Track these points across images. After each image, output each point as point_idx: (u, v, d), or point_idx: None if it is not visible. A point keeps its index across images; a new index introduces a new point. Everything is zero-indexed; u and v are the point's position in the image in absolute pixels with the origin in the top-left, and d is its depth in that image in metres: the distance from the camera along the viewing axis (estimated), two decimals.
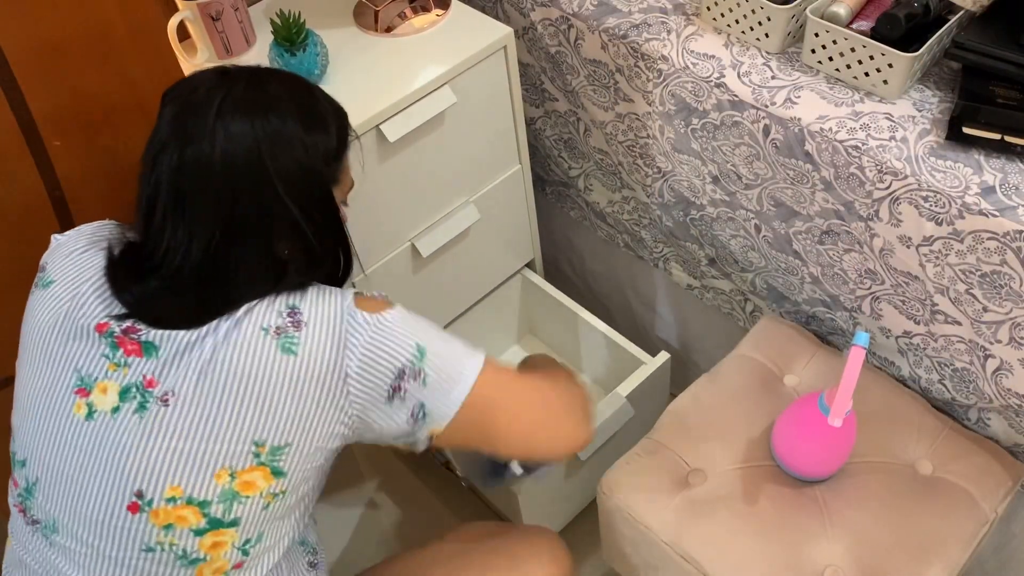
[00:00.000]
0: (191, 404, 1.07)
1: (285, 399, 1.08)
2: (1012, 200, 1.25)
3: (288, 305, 1.10)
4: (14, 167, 1.33)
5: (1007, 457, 1.49)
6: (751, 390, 1.61)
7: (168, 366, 1.08)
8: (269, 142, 1.09)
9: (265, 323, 1.08)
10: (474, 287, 1.99)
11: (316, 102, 1.18)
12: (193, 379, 1.07)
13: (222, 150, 1.07)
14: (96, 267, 1.14)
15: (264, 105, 1.11)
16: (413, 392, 1.13)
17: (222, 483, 1.08)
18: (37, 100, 1.30)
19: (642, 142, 1.72)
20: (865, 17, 1.43)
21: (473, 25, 1.67)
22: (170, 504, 1.07)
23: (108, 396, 1.09)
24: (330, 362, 1.09)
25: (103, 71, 1.34)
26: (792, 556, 1.41)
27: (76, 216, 1.43)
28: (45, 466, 1.12)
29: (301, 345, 1.08)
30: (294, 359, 1.08)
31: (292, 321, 1.09)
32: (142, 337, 1.09)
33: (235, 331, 1.07)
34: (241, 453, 1.08)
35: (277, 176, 1.09)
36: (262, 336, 1.08)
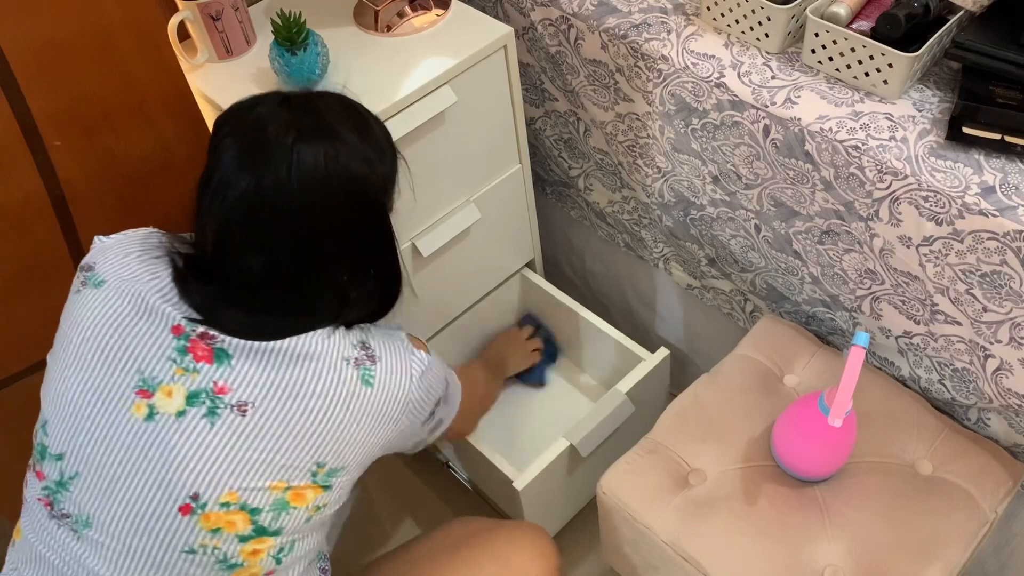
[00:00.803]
0: (266, 416, 1.11)
1: (355, 427, 1.16)
2: (1012, 200, 1.25)
3: (359, 340, 1.18)
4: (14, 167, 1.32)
5: (1007, 457, 1.49)
6: (751, 390, 1.61)
7: (243, 375, 1.11)
8: (340, 170, 1.13)
9: (346, 353, 1.16)
10: (474, 287, 1.99)
11: (369, 129, 1.21)
12: (271, 392, 1.11)
13: (298, 179, 1.11)
14: (154, 273, 1.16)
15: (330, 133, 1.14)
16: (439, 413, 1.32)
17: (276, 493, 1.12)
18: (37, 100, 1.30)
19: (642, 142, 1.72)
20: (865, 17, 1.43)
21: (473, 25, 1.67)
22: (223, 509, 1.10)
23: (173, 399, 1.11)
24: (400, 398, 1.20)
25: (103, 71, 1.34)
26: (792, 556, 1.41)
27: (76, 216, 1.43)
28: (88, 461, 1.13)
29: (377, 378, 1.17)
30: (371, 391, 1.16)
31: (367, 355, 1.17)
32: (216, 344, 1.12)
33: (317, 354, 1.13)
34: (302, 470, 1.13)
35: (348, 203, 1.15)
36: (344, 365, 1.15)
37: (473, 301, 2.01)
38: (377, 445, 1.20)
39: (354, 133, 1.17)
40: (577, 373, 2.17)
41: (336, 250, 1.17)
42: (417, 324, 1.90)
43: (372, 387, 1.16)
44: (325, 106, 1.18)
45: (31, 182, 1.36)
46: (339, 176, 1.13)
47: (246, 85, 1.59)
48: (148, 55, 1.38)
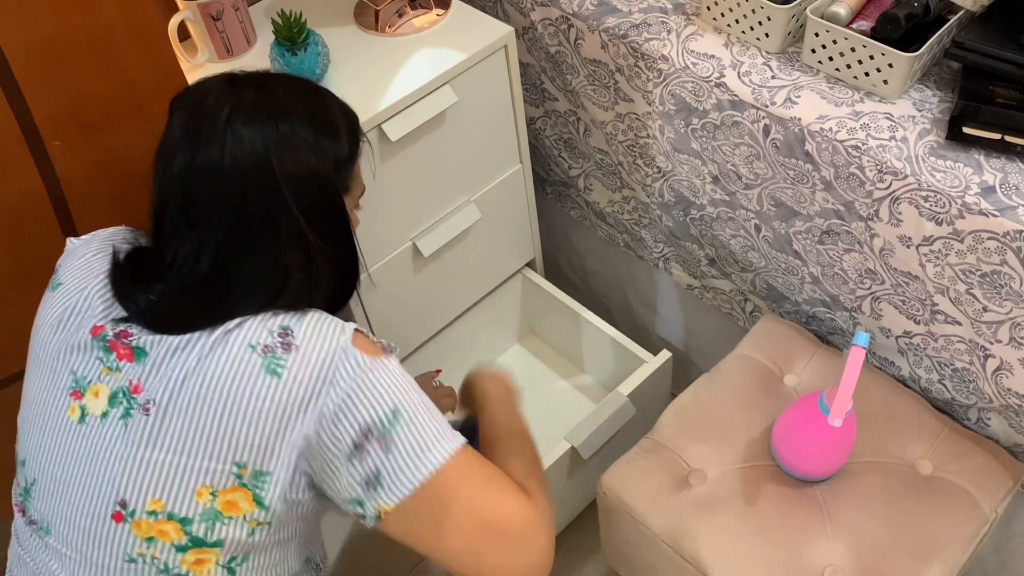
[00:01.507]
0: (171, 415, 1.04)
1: (265, 422, 1.03)
2: (1012, 200, 1.25)
3: (282, 326, 1.06)
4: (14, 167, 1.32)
5: (1007, 457, 1.49)
6: (751, 390, 1.61)
7: (153, 373, 1.06)
8: (279, 148, 1.07)
9: (254, 339, 1.04)
10: (475, 286, 1.99)
11: (327, 107, 1.16)
12: (174, 388, 1.04)
13: (231, 157, 1.05)
14: (103, 271, 1.13)
15: (274, 111, 1.09)
16: (373, 455, 1.04)
17: (203, 501, 1.04)
18: (37, 100, 1.30)
19: (642, 142, 1.72)
20: (865, 17, 1.43)
21: (473, 25, 1.67)
22: (151, 517, 1.05)
23: (99, 400, 1.07)
24: (311, 389, 1.03)
25: (103, 71, 1.34)
26: (792, 556, 1.41)
27: (76, 216, 1.43)
28: (41, 468, 1.11)
29: (287, 369, 1.03)
30: (277, 381, 1.03)
31: (283, 342, 1.04)
32: (133, 342, 1.07)
33: (222, 343, 1.04)
34: (222, 472, 1.04)
35: (286, 183, 1.07)
36: (248, 352, 1.04)
37: (474, 301, 2.01)
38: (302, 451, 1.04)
39: (304, 115, 1.11)
40: (578, 374, 2.17)
41: (271, 238, 1.09)
42: (418, 324, 1.90)
43: (279, 377, 1.03)
44: (276, 85, 1.13)
45: (31, 182, 1.36)
46: (279, 159, 1.07)
47: None
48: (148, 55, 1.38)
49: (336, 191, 1.14)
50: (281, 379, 1.03)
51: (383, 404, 1.04)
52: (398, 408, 1.05)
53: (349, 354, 1.05)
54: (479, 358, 2.17)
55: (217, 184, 1.06)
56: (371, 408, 1.04)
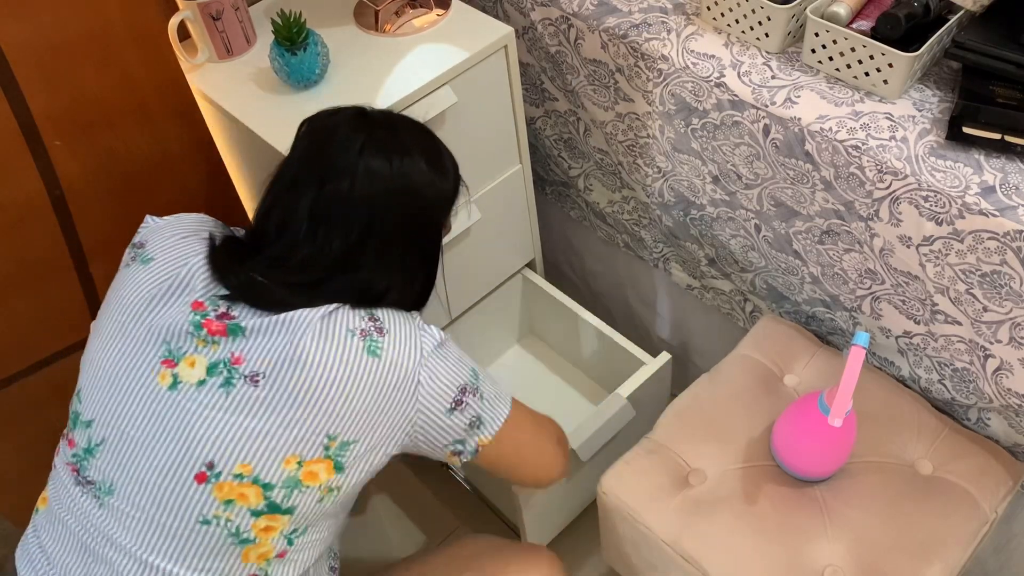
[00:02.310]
0: (277, 388, 1.13)
1: (364, 398, 1.15)
2: (1012, 200, 1.25)
3: (368, 312, 1.19)
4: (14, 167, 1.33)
5: (1007, 457, 1.49)
6: (751, 390, 1.61)
7: (254, 346, 1.14)
8: (402, 184, 1.22)
9: (351, 325, 1.17)
10: (475, 287, 1.99)
11: (440, 151, 1.31)
12: (280, 363, 1.13)
13: (361, 188, 1.20)
14: (200, 252, 1.22)
15: (400, 149, 1.23)
16: (472, 404, 1.24)
17: (289, 469, 1.13)
18: (37, 100, 1.30)
19: (642, 142, 1.72)
20: (865, 17, 1.43)
21: (473, 25, 1.67)
22: (236, 480, 1.12)
23: (195, 369, 1.14)
24: (408, 368, 1.18)
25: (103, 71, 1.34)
26: (792, 556, 1.41)
27: (76, 216, 1.43)
28: (115, 428, 1.16)
29: (384, 349, 1.17)
30: (377, 361, 1.16)
31: (375, 327, 1.18)
32: (229, 321, 1.16)
33: (324, 327, 1.15)
34: (314, 443, 1.14)
35: (403, 213, 1.23)
36: (349, 336, 1.15)
37: (474, 301, 2.01)
38: (396, 424, 1.19)
39: (423, 152, 1.26)
40: (577, 375, 2.17)
41: (381, 257, 1.23)
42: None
43: (379, 358, 1.16)
44: (400, 124, 1.29)
45: (31, 182, 1.36)
46: (402, 185, 1.22)
47: (246, 85, 1.59)
48: (148, 55, 1.38)
49: (438, 223, 1.31)
50: (380, 359, 1.16)
51: (466, 366, 1.25)
52: (474, 368, 1.27)
53: (428, 331, 1.23)
54: (478, 359, 2.17)
55: (345, 209, 1.20)
56: (459, 372, 1.24)
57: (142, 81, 1.39)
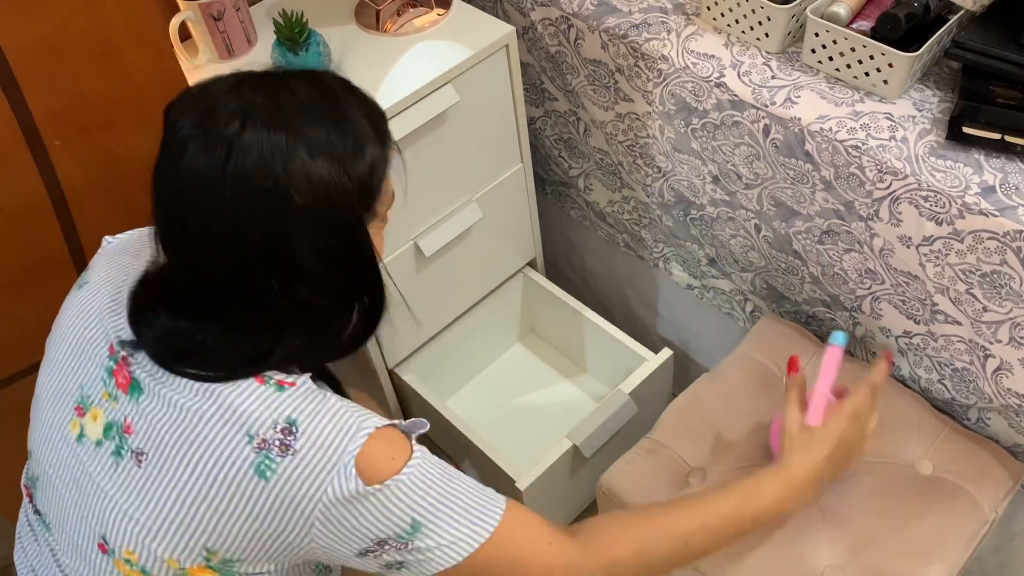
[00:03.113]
0: (155, 478, 0.98)
1: (243, 519, 0.97)
2: (1012, 200, 1.25)
3: (288, 419, 0.96)
4: (14, 167, 1.33)
5: (1007, 457, 1.49)
6: (751, 390, 1.61)
7: (145, 417, 0.99)
8: (288, 162, 0.92)
9: (253, 428, 0.96)
10: (476, 286, 1.99)
11: (349, 117, 0.98)
12: (163, 448, 0.98)
13: (233, 175, 0.91)
14: (129, 282, 1.06)
15: (288, 123, 0.93)
16: (391, 554, 1.00)
17: (173, 569, 1.00)
18: (37, 100, 1.30)
19: (642, 142, 1.72)
20: (865, 17, 1.43)
21: (474, 24, 1.67)
22: (127, 565, 1.01)
23: (97, 426, 1.03)
24: (300, 507, 0.96)
25: (103, 71, 1.34)
26: (792, 556, 1.41)
27: (76, 216, 1.43)
28: (42, 468, 1.10)
29: (276, 474, 0.95)
30: (264, 484, 0.95)
31: (281, 441, 0.95)
32: (134, 372, 1.01)
33: (220, 419, 0.96)
34: (191, 552, 0.99)
35: (296, 205, 0.93)
36: (243, 444, 0.95)
37: (475, 300, 2.02)
38: (288, 551, 0.99)
39: (322, 124, 0.95)
40: (579, 373, 2.18)
41: (278, 271, 0.95)
42: (419, 324, 1.90)
43: (267, 481, 0.94)
44: (289, 89, 0.97)
45: (31, 182, 1.36)
46: (290, 177, 0.91)
47: None
48: (148, 55, 1.38)
49: (356, 217, 0.98)
50: (268, 483, 0.95)
51: (398, 522, 0.98)
52: (417, 521, 0.99)
53: (346, 478, 0.95)
54: (480, 357, 2.18)
55: (215, 200, 0.93)
56: (382, 527, 0.98)
57: (142, 81, 1.39)
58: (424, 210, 1.73)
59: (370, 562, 1.01)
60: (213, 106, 0.94)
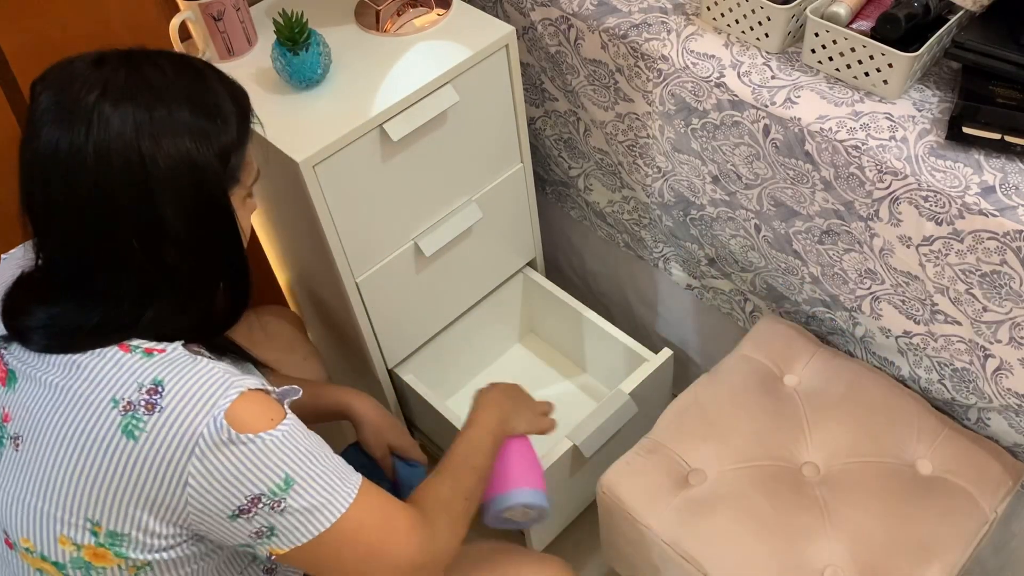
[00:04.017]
0: (33, 455, 0.99)
1: (117, 484, 0.96)
2: (1012, 200, 1.25)
3: (155, 379, 0.96)
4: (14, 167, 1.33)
5: (1007, 457, 1.49)
6: (751, 390, 1.61)
7: (19, 401, 1.00)
8: (150, 136, 0.95)
9: (119, 393, 0.96)
10: (476, 286, 1.99)
11: (208, 87, 1.03)
12: (35, 426, 0.98)
13: (95, 145, 0.93)
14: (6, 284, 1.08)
15: (146, 92, 0.96)
16: (264, 516, 1.00)
17: (68, 550, 0.99)
18: None
19: (642, 142, 1.72)
20: (865, 17, 1.43)
21: (474, 24, 1.67)
22: (28, 554, 1.01)
23: None
24: (171, 463, 0.95)
25: None
26: (792, 556, 1.41)
27: None
28: None
29: (145, 432, 0.94)
30: (133, 444, 0.95)
31: (147, 401, 0.95)
32: (10, 364, 1.02)
33: (85, 388, 0.97)
34: (78, 526, 0.98)
35: (159, 175, 0.95)
36: (109, 408, 0.96)
37: (475, 300, 2.01)
38: (166, 516, 0.98)
39: (183, 97, 0.98)
40: (579, 373, 2.17)
41: (142, 241, 0.97)
42: (419, 323, 1.90)
43: (136, 440, 0.94)
44: (148, 64, 0.99)
45: None
46: (151, 147, 0.94)
47: (248, 85, 1.57)
48: None
49: (220, 185, 1.01)
50: (137, 443, 0.94)
51: (271, 476, 0.99)
52: (288, 476, 1.00)
53: (218, 428, 0.95)
54: (480, 357, 2.18)
55: (80, 175, 0.94)
56: (256, 481, 0.98)
57: None
58: (424, 210, 1.73)
59: (242, 527, 1.00)
60: (73, 80, 0.96)
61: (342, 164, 1.51)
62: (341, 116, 1.51)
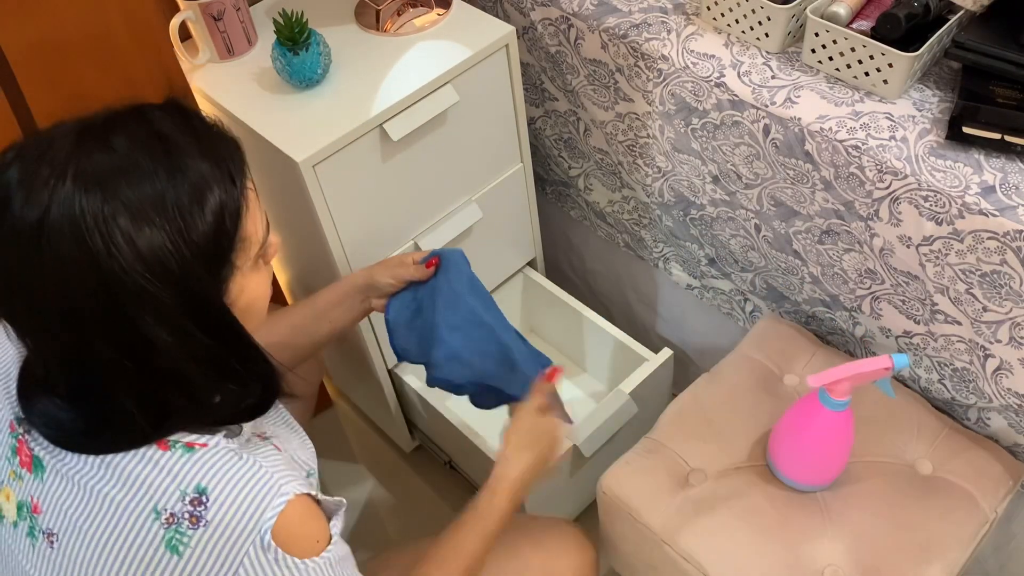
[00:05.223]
0: (70, 558, 0.94)
1: None
2: (1012, 200, 1.25)
3: (198, 488, 0.90)
4: None
5: (1007, 457, 1.49)
6: (751, 390, 1.61)
7: (50, 495, 0.95)
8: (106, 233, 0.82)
9: (160, 503, 0.90)
10: None
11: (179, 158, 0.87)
12: (71, 528, 0.93)
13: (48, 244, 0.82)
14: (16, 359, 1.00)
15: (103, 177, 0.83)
16: None
17: None
18: (37, 100, 1.30)
19: (642, 142, 1.72)
20: (865, 17, 1.43)
21: (474, 24, 1.67)
22: None
23: (11, 505, 0.98)
24: None
25: (103, 71, 1.34)
26: (792, 556, 1.41)
27: None
28: None
29: (190, 548, 0.90)
30: (177, 559, 0.90)
31: (191, 512, 0.90)
32: (35, 451, 0.96)
33: (126, 497, 0.91)
34: None
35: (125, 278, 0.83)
36: (151, 521, 0.90)
37: None
38: None
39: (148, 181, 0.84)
40: (579, 373, 2.17)
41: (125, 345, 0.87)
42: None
43: (179, 556, 0.90)
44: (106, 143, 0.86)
45: None
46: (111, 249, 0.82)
47: (248, 85, 1.60)
48: (148, 55, 1.38)
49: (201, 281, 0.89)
50: (182, 559, 0.90)
51: None
52: None
53: (264, 547, 0.91)
54: None
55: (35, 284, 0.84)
56: None
57: (143, 81, 1.39)
58: (424, 210, 1.73)
59: None
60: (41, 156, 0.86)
61: (342, 164, 1.51)
62: (341, 116, 1.51)
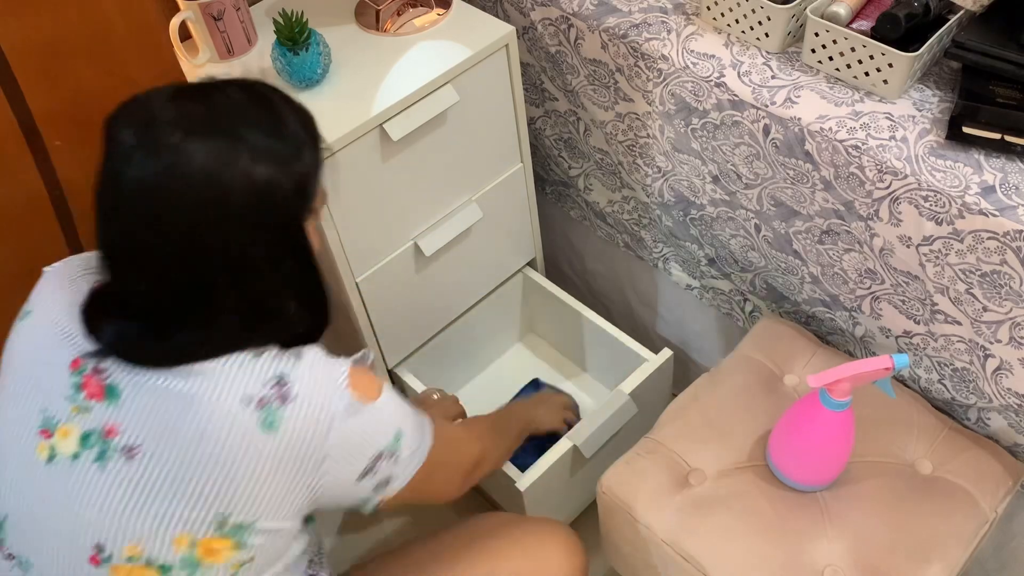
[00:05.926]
0: (156, 461, 1.01)
1: (257, 477, 1.02)
2: (1012, 200, 1.25)
3: (276, 374, 1.03)
4: (14, 167, 1.33)
5: (1007, 457, 1.49)
6: (751, 390, 1.61)
7: (133, 414, 1.02)
8: (238, 173, 0.97)
9: (247, 391, 1.01)
10: (476, 286, 1.99)
11: (282, 119, 1.05)
12: (162, 433, 1.01)
13: (183, 184, 0.96)
14: (75, 302, 1.08)
15: (228, 129, 0.99)
16: (385, 470, 1.14)
17: (182, 549, 1.02)
18: (37, 100, 1.30)
19: (642, 142, 1.72)
20: (865, 17, 1.43)
21: (475, 24, 1.67)
22: (129, 563, 1.02)
23: (69, 441, 1.03)
24: (312, 444, 1.04)
25: (103, 71, 1.34)
26: (792, 556, 1.41)
27: (76, 216, 1.43)
28: (12, 504, 1.08)
29: (284, 422, 1.02)
30: (274, 437, 1.01)
31: (278, 393, 1.02)
32: (106, 379, 1.03)
33: (212, 392, 1.01)
34: (203, 521, 1.02)
35: (247, 212, 0.99)
36: (242, 408, 1.01)
37: (475, 300, 2.01)
38: (298, 496, 1.07)
39: (259, 127, 1.00)
40: (579, 373, 2.17)
41: (233, 268, 1.01)
42: (419, 323, 1.91)
43: (276, 432, 1.01)
44: (223, 97, 1.02)
45: (31, 182, 1.36)
46: (236, 181, 0.97)
47: None
48: (148, 55, 1.38)
49: (295, 214, 1.05)
50: (278, 433, 1.02)
51: (388, 433, 1.12)
52: (400, 430, 1.14)
53: (349, 401, 1.06)
54: (480, 357, 2.18)
55: (168, 216, 0.97)
56: (378, 441, 1.11)
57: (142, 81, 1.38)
58: (424, 210, 1.73)
59: (366, 484, 1.12)
60: (153, 117, 0.98)
61: (342, 164, 1.51)
62: (341, 116, 1.51)
